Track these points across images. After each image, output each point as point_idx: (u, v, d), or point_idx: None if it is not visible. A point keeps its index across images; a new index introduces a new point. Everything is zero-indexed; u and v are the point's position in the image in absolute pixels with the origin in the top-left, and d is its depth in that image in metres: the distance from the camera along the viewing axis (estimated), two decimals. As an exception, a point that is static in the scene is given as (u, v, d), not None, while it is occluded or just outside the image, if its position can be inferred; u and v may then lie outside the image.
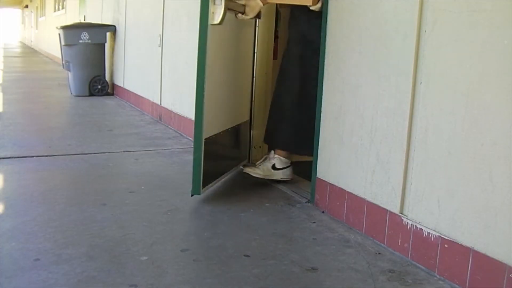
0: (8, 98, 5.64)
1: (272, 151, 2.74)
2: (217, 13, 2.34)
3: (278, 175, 2.73)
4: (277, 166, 2.72)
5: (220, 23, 2.36)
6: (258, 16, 2.65)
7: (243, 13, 2.54)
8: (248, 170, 2.70)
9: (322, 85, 2.40)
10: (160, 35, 4.59)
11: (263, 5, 2.53)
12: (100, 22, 6.61)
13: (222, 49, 2.57)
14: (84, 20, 8.42)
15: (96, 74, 6.18)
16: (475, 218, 1.65)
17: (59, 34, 6.17)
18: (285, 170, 2.75)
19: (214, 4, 2.32)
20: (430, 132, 1.82)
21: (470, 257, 1.66)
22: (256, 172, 2.69)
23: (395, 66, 1.97)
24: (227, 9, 2.35)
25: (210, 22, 2.33)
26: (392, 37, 1.97)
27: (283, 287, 1.68)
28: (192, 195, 2.44)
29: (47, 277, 1.65)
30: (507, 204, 1.54)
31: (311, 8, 2.43)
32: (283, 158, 2.72)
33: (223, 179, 2.75)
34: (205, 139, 2.41)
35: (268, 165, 2.71)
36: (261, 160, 2.77)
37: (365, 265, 1.87)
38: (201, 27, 2.32)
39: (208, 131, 2.44)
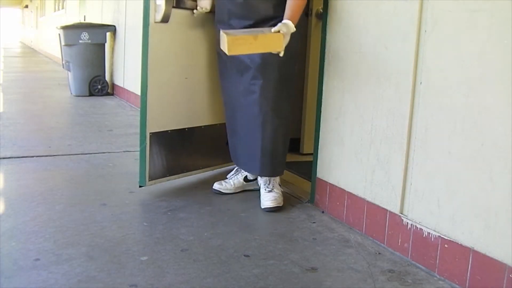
0: (8, 98, 5.64)
1: None
2: (158, 12, 2.34)
3: (250, 186, 2.64)
4: (249, 177, 2.62)
5: (163, 21, 2.35)
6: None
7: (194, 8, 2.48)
8: (217, 187, 2.61)
9: (322, 85, 2.40)
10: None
11: None
12: (100, 22, 6.61)
13: (177, 48, 2.55)
14: (84, 20, 8.41)
15: (96, 74, 6.17)
16: (475, 218, 1.65)
17: (59, 34, 6.17)
18: (257, 180, 2.62)
19: (156, 2, 2.33)
20: (430, 132, 1.82)
21: (470, 257, 1.66)
22: (226, 188, 2.60)
23: (395, 66, 1.97)
24: (171, 7, 2.34)
25: (152, 20, 2.34)
26: (392, 37, 1.97)
27: (283, 287, 1.68)
28: (140, 186, 2.49)
29: (47, 277, 1.65)
30: (507, 204, 1.54)
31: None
32: None
33: (185, 177, 2.73)
34: (152, 133, 2.46)
35: (240, 177, 2.62)
36: (233, 172, 2.66)
37: (365, 265, 1.87)
38: (143, 25, 2.35)
39: (157, 126, 2.49)
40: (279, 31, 2.09)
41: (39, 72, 9.46)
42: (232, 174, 2.66)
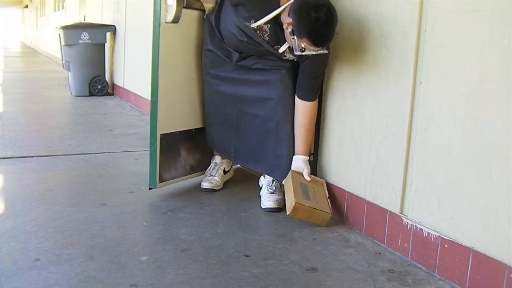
0: (8, 98, 5.64)
1: (218, 156, 2.74)
2: (169, 12, 2.34)
3: (228, 177, 2.78)
4: (226, 169, 2.74)
5: (174, 22, 2.35)
6: None
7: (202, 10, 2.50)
8: (210, 185, 2.65)
9: (322, 85, 2.39)
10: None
11: None
12: (100, 22, 6.61)
13: (185, 49, 2.54)
14: (84, 20, 8.41)
15: (96, 74, 6.17)
16: (475, 218, 1.65)
17: (59, 34, 6.17)
18: (231, 170, 2.80)
19: (166, 2, 2.32)
20: (430, 132, 1.82)
21: (470, 257, 1.66)
22: (217, 185, 2.66)
23: (395, 66, 1.97)
24: (181, 8, 2.34)
25: (163, 20, 2.33)
26: (392, 37, 1.97)
27: (283, 287, 1.68)
28: (150, 189, 2.49)
29: (47, 277, 1.65)
30: (507, 204, 1.54)
31: None
32: (226, 160, 2.74)
33: (191, 178, 2.74)
34: (162, 134, 2.45)
35: (221, 171, 2.71)
36: (213, 169, 2.71)
37: (365, 265, 1.87)
38: (154, 26, 2.33)
39: (166, 127, 2.48)
40: (312, 177, 2.34)
41: (39, 72, 9.46)
42: (214, 170, 2.70)
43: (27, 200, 2.38)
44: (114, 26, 6.28)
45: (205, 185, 2.65)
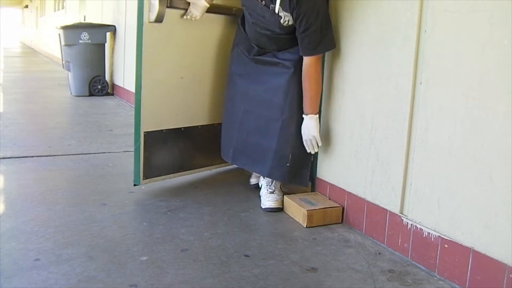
0: (8, 98, 5.64)
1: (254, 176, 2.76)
2: (152, 11, 2.34)
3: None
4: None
5: (157, 21, 2.36)
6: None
7: (187, 10, 2.48)
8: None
9: (322, 85, 2.39)
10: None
11: (208, 5, 2.49)
12: (100, 22, 6.61)
13: (172, 48, 2.54)
14: (84, 20, 8.42)
15: (96, 74, 6.18)
16: (475, 218, 1.65)
17: (59, 34, 6.17)
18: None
19: (150, 2, 2.33)
20: (430, 132, 1.82)
21: (470, 257, 1.66)
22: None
23: (395, 66, 1.97)
24: (164, 7, 2.34)
25: (146, 20, 2.35)
26: (392, 37, 1.97)
27: (283, 287, 1.68)
28: (134, 185, 2.51)
29: (47, 277, 1.65)
30: (507, 204, 1.54)
31: None
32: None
33: (184, 177, 2.75)
34: (146, 132, 2.47)
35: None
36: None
37: (365, 265, 1.87)
38: (137, 25, 2.36)
39: (151, 125, 2.50)
40: None
41: (39, 72, 9.46)
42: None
43: (27, 200, 2.38)
44: (114, 26, 6.28)
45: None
